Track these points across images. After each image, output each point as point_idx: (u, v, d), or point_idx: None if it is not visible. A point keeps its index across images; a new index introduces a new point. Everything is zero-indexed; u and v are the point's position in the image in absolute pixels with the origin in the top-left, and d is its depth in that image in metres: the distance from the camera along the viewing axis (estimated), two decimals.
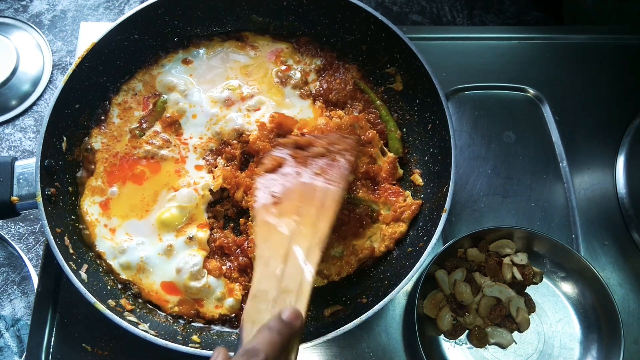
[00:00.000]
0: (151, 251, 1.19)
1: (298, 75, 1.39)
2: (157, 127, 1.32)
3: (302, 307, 0.90)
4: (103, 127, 1.32)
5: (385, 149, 1.35)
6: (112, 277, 1.19)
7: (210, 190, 1.26)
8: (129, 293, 1.19)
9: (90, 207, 1.23)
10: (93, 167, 1.27)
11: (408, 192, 1.30)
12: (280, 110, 1.34)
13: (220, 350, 0.75)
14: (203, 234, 1.22)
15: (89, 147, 1.29)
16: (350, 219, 1.23)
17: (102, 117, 1.32)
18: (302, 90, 1.38)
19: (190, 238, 1.20)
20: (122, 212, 1.23)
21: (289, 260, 0.96)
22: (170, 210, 1.22)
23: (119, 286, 1.19)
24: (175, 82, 1.36)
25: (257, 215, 1.06)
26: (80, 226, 1.22)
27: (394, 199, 1.28)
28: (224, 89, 1.36)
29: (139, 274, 1.18)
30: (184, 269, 1.17)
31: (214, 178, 1.28)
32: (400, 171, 1.33)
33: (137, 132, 1.31)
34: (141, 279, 1.18)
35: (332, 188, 1.09)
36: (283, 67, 1.40)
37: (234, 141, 1.31)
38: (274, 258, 0.97)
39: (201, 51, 1.42)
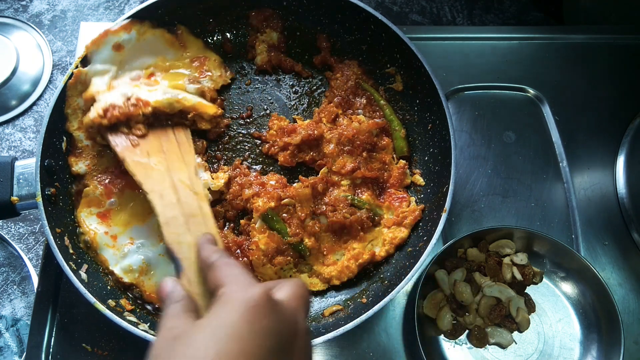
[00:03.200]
0: (152, 253, 1.19)
1: (207, 84, 1.35)
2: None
3: (212, 228, 1.03)
4: (78, 153, 1.25)
5: (394, 156, 1.35)
6: (113, 279, 1.19)
7: (210, 189, 1.26)
8: (130, 295, 1.18)
9: (87, 218, 1.21)
10: (86, 184, 1.23)
11: (413, 198, 1.30)
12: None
13: (169, 281, 0.85)
14: None
15: (75, 174, 1.24)
16: (352, 222, 1.23)
17: (72, 146, 1.25)
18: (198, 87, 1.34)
19: None
20: (123, 221, 1.21)
21: (178, 190, 1.08)
22: None
23: (120, 287, 1.19)
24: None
25: (125, 158, 1.14)
26: (82, 236, 1.21)
27: (397, 204, 1.28)
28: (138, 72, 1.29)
29: (141, 277, 1.18)
30: None
31: (212, 178, 1.28)
32: (409, 179, 1.33)
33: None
34: (143, 281, 1.18)
35: (178, 128, 1.24)
36: (197, 74, 1.36)
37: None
38: (164, 190, 1.08)
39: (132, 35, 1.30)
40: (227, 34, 1.46)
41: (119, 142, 1.17)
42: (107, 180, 1.24)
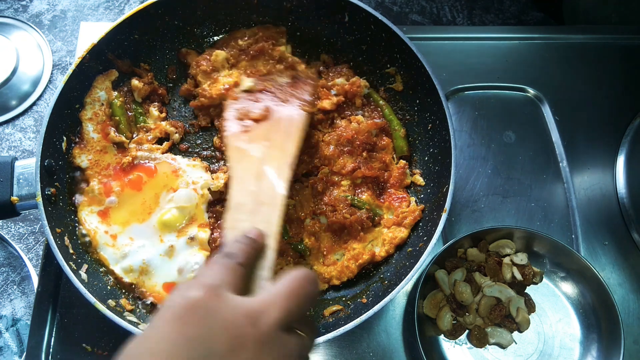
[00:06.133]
0: (153, 253, 1.19)
1: None
2: (141, 134, 1.32)
3: (274, 221, 0.97)
4: (83, 145, 1.27)
5: (394, 156, 1.35)
6: (113, 278, 1.19)
7: (210, 189, 1.26)
8: (132, 295, 1.18)
9: (88, 216, 1.22)
10: (87, 182, 1.25)
11: (413, 198, 1.30)
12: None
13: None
14: (204, 234, 1.22)
15: (77, 167, 1.25)
16: (352, 222, 1.23)
17: (79, 136, 1.28)
18: None
19: (192, 238, 1.20)
20: (122, 219, 1.22)
21: (262, 178, 1.07)
22: (171, 211, 1.22)
23: (120, 287, 1.19)
24: None
25: (229, 142, 1.17)
26: (83, 231, 1.21)
27: (397, 204, 1.28)
28: None
29: (141, 277, 1.18)
30: (185, 269, 1.17)
31: (212, 178, 1.28)
32: (409, 179, 1.33)
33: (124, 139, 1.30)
34: (144, 281, 1.18)
35: (295, 116, 1.21)
36: None
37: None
38: (247, 176, 1.08)
39: None
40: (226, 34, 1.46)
41: (231, 127, 1.20)
42: (106, 179, 1.24)
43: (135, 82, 1.34)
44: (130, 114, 1.34)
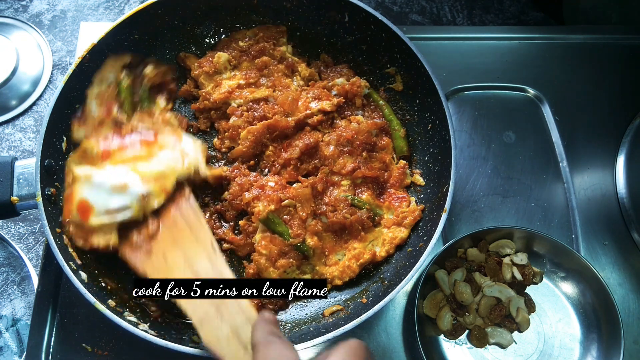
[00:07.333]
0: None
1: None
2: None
3: (244, 303, 0.98)
4: (82, 121, 1.25)
5: (394, 156, 1.35)
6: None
7: (197, 172, 1.22)
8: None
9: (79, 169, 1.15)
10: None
11: (413, 198, 1.30)
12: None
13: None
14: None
15: (74, 141, 1.22)
16: (352, 222, 1.23)
17: (81, 111, 1.25)
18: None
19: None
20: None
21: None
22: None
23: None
24: None
25: (147, 273, 1.07)
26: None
27: (397, 204, 1.28)
28: None
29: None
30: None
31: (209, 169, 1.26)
32: (409, 179, 1.33)
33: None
34: None
35: (182, 207, 1.15)
36: None
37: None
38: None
39: None
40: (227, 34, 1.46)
41: (136, 259, 1.11)
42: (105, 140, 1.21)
43: (149, 69, 1.33)
44: (136, 99, 1.33)
